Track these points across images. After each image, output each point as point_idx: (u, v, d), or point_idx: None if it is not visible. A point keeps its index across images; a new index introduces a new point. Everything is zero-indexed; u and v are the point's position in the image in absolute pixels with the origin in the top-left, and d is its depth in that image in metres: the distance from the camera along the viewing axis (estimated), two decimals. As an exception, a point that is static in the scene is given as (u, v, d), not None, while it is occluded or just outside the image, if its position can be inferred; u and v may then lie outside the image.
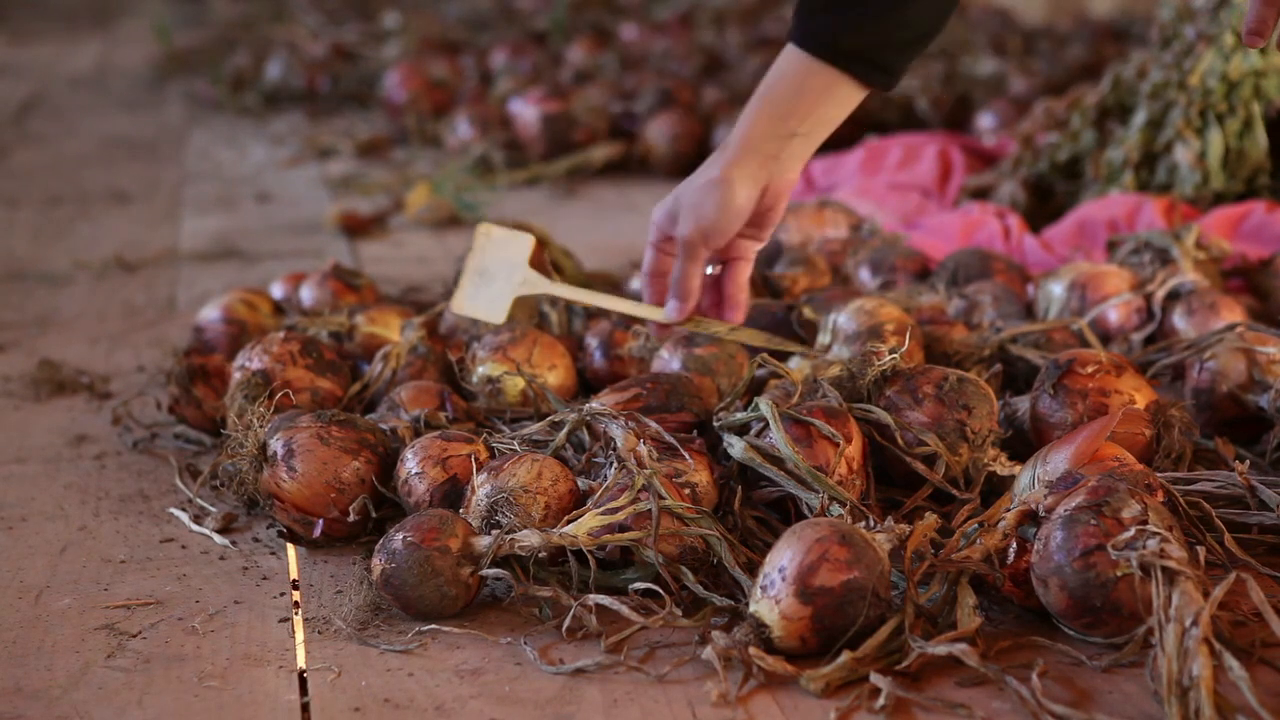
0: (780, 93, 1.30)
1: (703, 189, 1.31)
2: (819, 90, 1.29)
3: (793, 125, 1.30)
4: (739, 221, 1.33)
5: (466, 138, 3.16)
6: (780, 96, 1.30)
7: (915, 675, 1.10)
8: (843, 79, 1.29)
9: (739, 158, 1.31)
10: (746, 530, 1.30)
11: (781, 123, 1.30)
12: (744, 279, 1.38)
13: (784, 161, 1.31)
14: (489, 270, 1.46)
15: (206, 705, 1.10)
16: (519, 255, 1.46)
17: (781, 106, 1.30)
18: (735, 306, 1.38)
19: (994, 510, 1.24)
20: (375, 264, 2.36)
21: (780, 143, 1.30)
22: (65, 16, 6.26)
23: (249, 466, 1.37)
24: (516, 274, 1.45)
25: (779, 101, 1.30)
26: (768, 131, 1.30)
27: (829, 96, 1.30)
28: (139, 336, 2.03)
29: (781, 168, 1.31)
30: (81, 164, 3.29)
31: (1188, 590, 1.04)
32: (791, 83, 1.30)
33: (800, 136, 1.30)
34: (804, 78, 1.29)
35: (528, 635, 1.18)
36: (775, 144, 1.30)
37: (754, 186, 1.31)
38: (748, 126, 1.31)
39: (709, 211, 1.31)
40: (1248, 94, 2.26)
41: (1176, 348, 1.65)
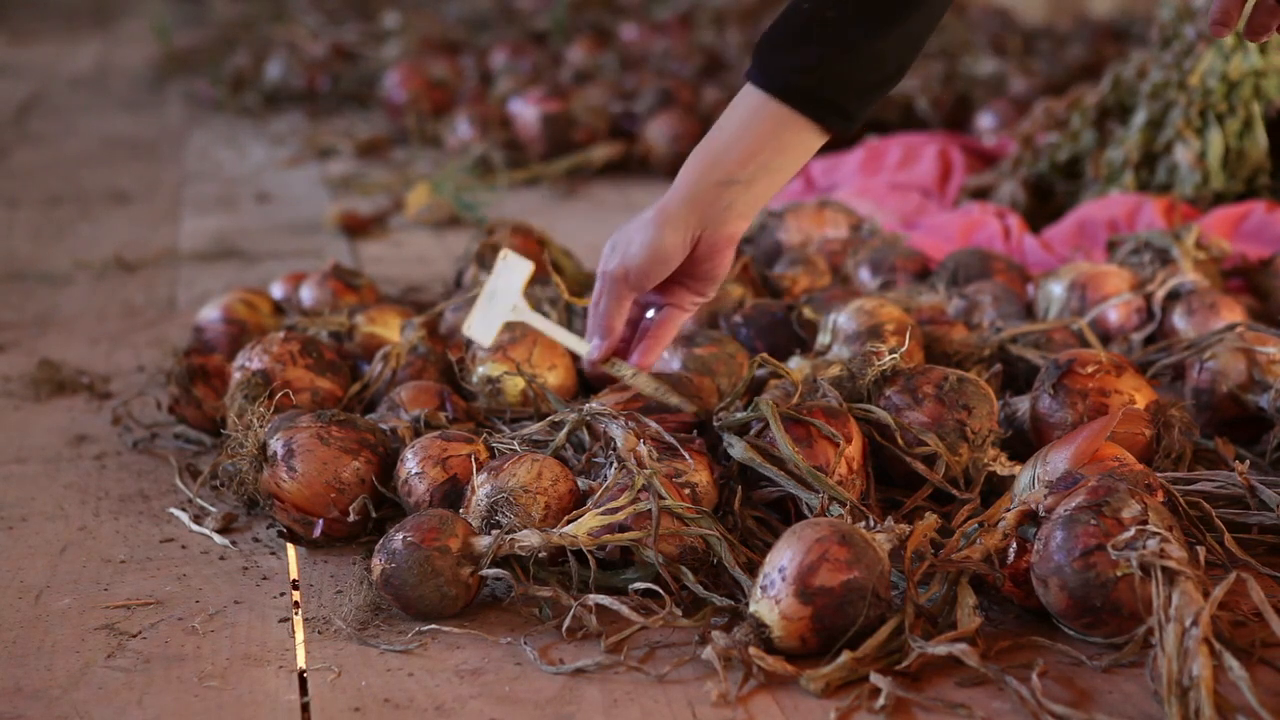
0: (724, 136, 1.24)
1: (634, 228, 1.26)
2: (767, 133, 1.22)
3: (731, 170, 1.23)
4: (664, 267, 1.26)
5: (466, 138, 3.16)
6: (723, 140, 1.24)
7: (915, 675, 1.10)
8: (795, 120, 1.22)
9: (674, 203, 1.25)
10: (746, 530, 1.30)
11: (720, 167, 1.23)
12: (672, 326, 1.31)
13: (719, 211, 1.23)
14: (497, 294, 1.47)
15: (206, 705, 1.10)
16: (518, 281, 1.46)
17: (724, 150, 1.23)
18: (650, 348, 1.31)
19: (994, 510, 1.24)
20: (375, 264, 2.36)
21: (718, 189, 1.23)
22: (65, 16, 6.26)
23: (249, 466, 1.37)
24: (510, 299, 1.45)
25: (721, 145, 1.24)
26: (706, 177, 1.23)
27: (777, 139, 1.22)
28: (139, 336, 2.03)
29: (717, 217, 1.24)
30: (81, 164, 3.29)
31: (1188, 590, 1.04)
32: (739, 125, 1.23)
33: (740, 184, 1.23)
34: (754, 120, 1.22)
35: (528, 635, 1.18)
36: (713, 190, 1.23)
37: (684, 233, 1.25)
38: (688, 172, 1.25)
39: (634, 251, 1.25)
40: (1248, 94, 2.26)
41: (1176, 348, 1.65)
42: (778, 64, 1.22)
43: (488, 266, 1.92)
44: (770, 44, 1.23)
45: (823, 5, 1.20)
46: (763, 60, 1.23)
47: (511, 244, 1.96)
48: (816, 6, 1.20)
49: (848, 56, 1.20)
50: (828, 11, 1.20)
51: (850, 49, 1.20)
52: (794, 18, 1.22)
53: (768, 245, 2.05)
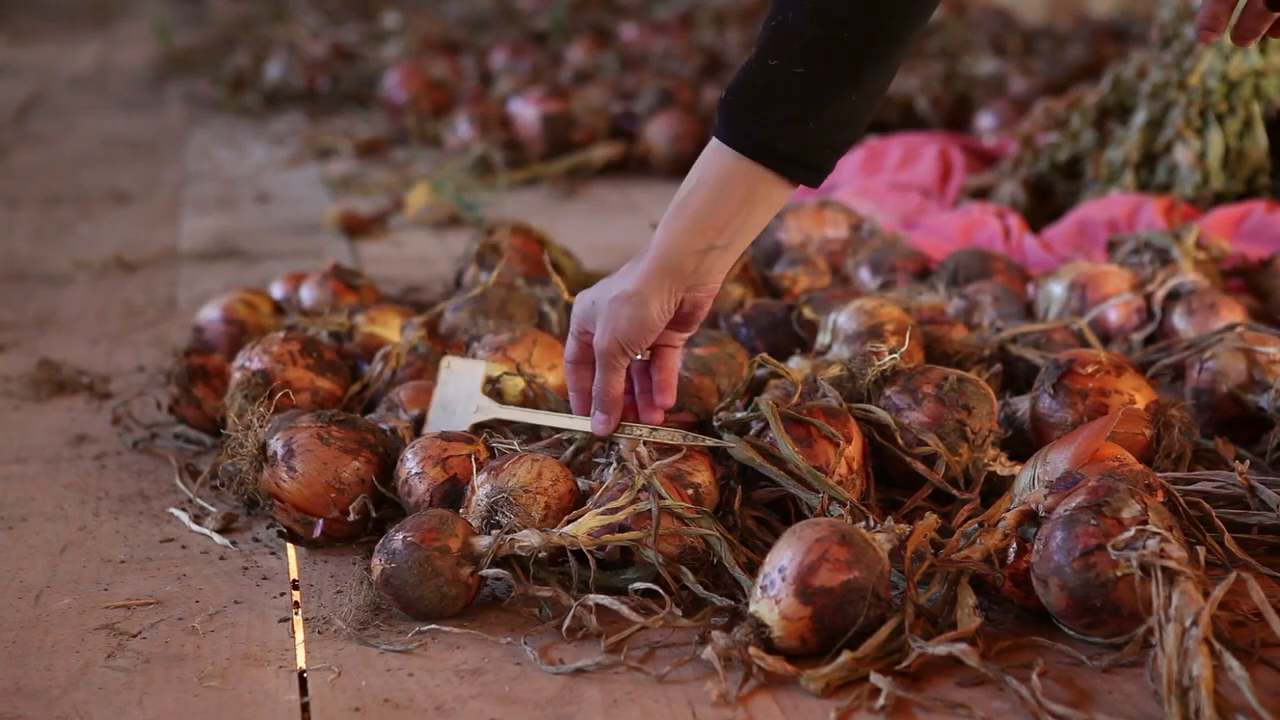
0: (700, 201, 1.23)
1: (618, 301, 1.25)
2: (741, 197, 1.22)
3: (710, 237, 1.23)
4: (654, 334, 1.27)
5: (466, 138, 3.16)
6: (700, 206, 1.23)
7: (915, 675, 1.10)
8: (768, 180, 1.22)
9: (653, 272, 1.24)
10: (746, 530, 1.30)
11: (699, 235, 1.23)
12: (673, 364, 1.32)
13: (700, 275, 1.25)
14: (450, 403, 1.47)
15: (206, 705, 1.10)
16: (473, 384, 1.47)
17: (701, 217, 1.23)
18: (663, 389, 1.32)
19: (994, 510, 1.24)
20: (375, 264, 2.36)
21: (698, 258, 1.24)
22: (65, 16, 6.26)
23: (249, 466, 1.37)
24: (471, 403, 1.46)
25: (699, 212, 1.23)
26: (686, 246, 1.23)
27: (751, 202, 1.22)
28: (139, 336, 2.03)
29: (699, 282, 1.25)
30: (81, 164, 3.29)
31: (1188, 590, 1.04)
32: (713, 189, 1.22)
33: (719, 249, 1.24)
34: (728, 183, 1.22)
35: (528, 635, 1.18)
36: (693, 259, 1.24)
37: (669, 301, 1.26)
38: (665, 238, 1.24)
39: (623, 326, 1.26)
40: (1248, 94, 2.26)
41: (1176, 348, 1.65)
42: (748, 124, 1.21)
43: (488, 266, 1.92)
44: (739, 102, 1.22)
45: (791, 62, 1.19)
46: (732, 119, 1.22)
47: (511, 244, 1.96)
48: (784, 64, 1.19)
49: (818, 114, 1.20)
50: (796, 69, 1.19)
51: (820, 107, 1.20)
52: (761, 75, 1.20)
53: (768, 245, 2.05)
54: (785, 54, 1.19)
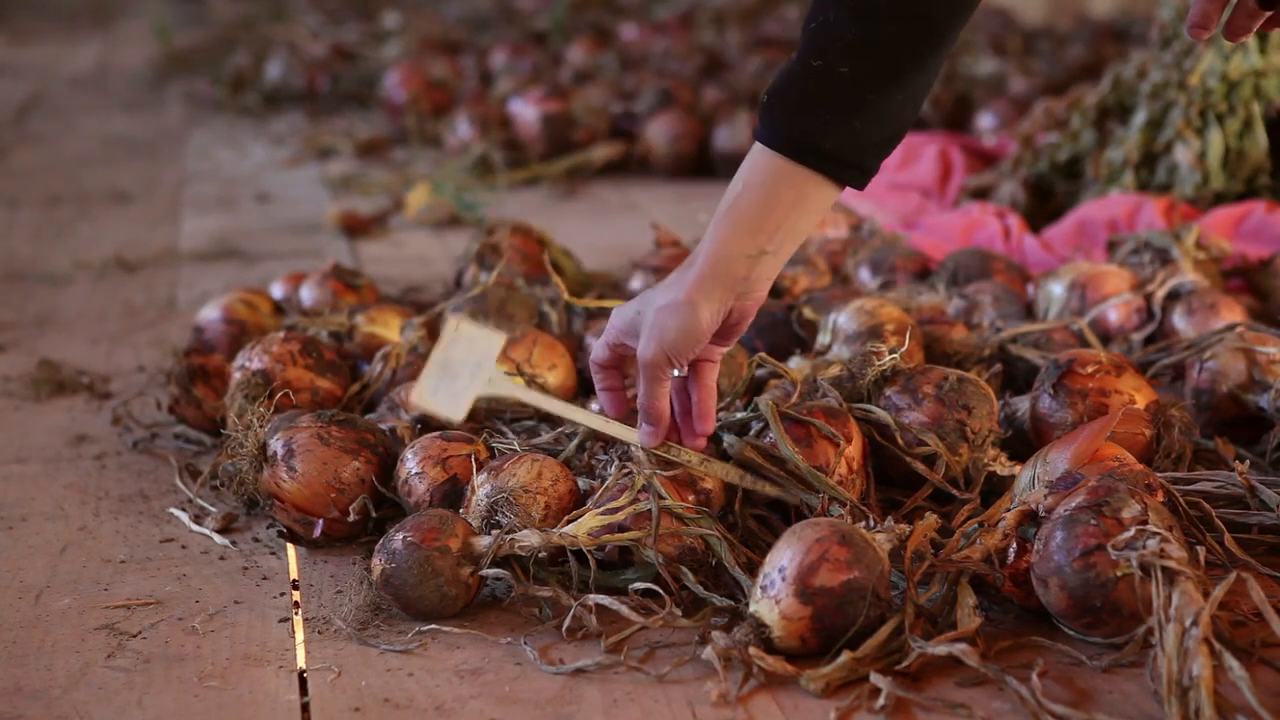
0: (749, 206, 1.20)
1: (667, 311, 1.22)
2: (791, 201, 1.20)
3: (762, 242, 1.20)
4: (702, 344, 1.23)
5: (466, 138, 3.16)
6: (750, 210, 1.20)
7: (915, 675, 1.10)
8: (816, 182, 1.20)
9: (705, 280, 1.21)
10: (746, 530, 1.30)
11: (751, 240, 1.20)
12: (711, 382, 1.29)
13: (751, 283, 1.22)
14: (453, 365, 1.41)
15: (206, 705, 1.10)
16: (487, 354, 1.40)
17: (751, 222, 1.20)
18: (704, 415, 1.29)
19: (994, 510, 1.24)
20: (375, 264, 2.36)
21: (749, 264, 1.21)
22: (65, 16, 6.26)
23: (249, 466, 1.37)
24: (482, 373, 1.39)
25: (748, 216, 1.20)
26: (736, 252, 1.20)
27: (801, 205, 1.20)
28: (139, 336, 2.03)
29: (750, 288, 1.22)
30: (81, 164, 3.29)
31: (1188, 590, 1.04)
32: (760, 193, 1.20)
33: (770, 254, 1.21)
34: (776, 187, 1.20)
35: (528, 635, 1.18)
36: (744, 265, 1.21)
37: (720, 310, 1.23)
38: (715, 245, 1.21)
39: (671, 336, 1.22)
40: (1248, 94, 2.26)
41: (1176, 348, 1.65)
42: (792, 126, 1.19)
43: (488, 266, 1.92)
44: (781, 104, 1.20)
45: (834, 62, 1.17)
46: (775, 122, 1.20)
47: (511, 244, 1.96)
48: (827, 64, 1.17)
49: (863, 114, 1.18)
50: (840, 69, 1.17)
51: (865, 106, 1.18)
52: (803, 77, 1.19)
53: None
54: (828, 54, 1.17)
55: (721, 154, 3.02)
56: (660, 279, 1.82)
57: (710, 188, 2.95)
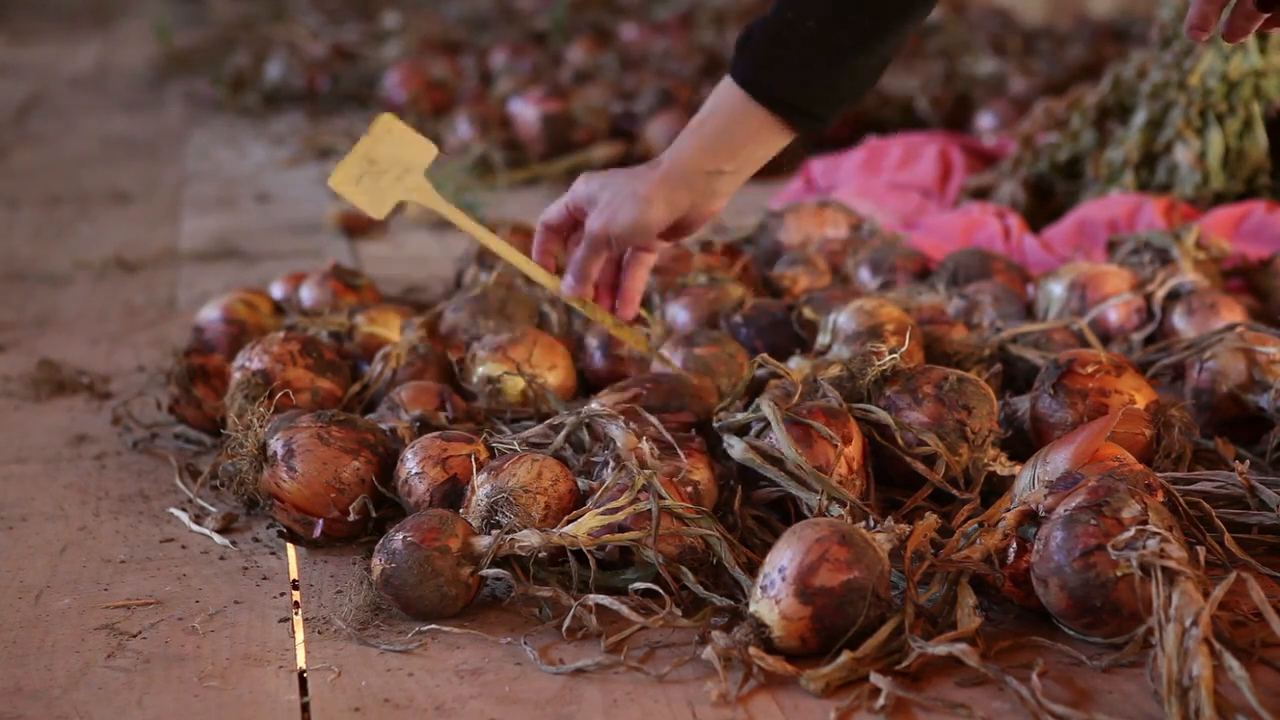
0: (714, 127, 1.34)
1: (623, 197, 1.35)
2: (751, 131, 1.33)
3: (721, 161, 1.34)
4: (647, 237, 1.37)
5: (466, 138, 3.16)
6: (714, 131, 1.34)
7: (915, 675, 1.10)
8: (774, 122, 1.33)
9: (666, 182, 1.34)
10: (746, 530, 1.30)
11: (711, 157, 1.34)
12: (643, 272, 1.41)
13: (707, 196, 1.36)
14: (380, 163, 1.42)
15: (206, 705, 1.10)
16: (417, 161, 1.42)
17: (714, 141, 1.34)
18: (628, 302, 1.42)
19: (994, 510, 1.24)
20: (375, 264, 2.36)
21: (707, 178, 1.34)
22: (65, 16, 6.26)
23: (249, 466, 1.37)
24: (410, 179, 1.41)
25: (712, 136, 1.34)
26: (697, 165, 1.34)
27: (757, 138, 1.34)
28: (139, 336, 2.03)
29: (704, 201, 1.36)
30: (81, 164, 3.29)
31: (1188, 590, 1.04)
32: (726, 119, 1.34)
33: (727, 174, 1.35)
34: (739, 117, 1.33)
35: (528, 635, 1.18)
36: (703, 179, 1.34)
37: (672, 212, 1.35)
38: (679, 153, 1.35)
39: (621, 220, 1.35)
40: (1248, 94, 2.26)
41: (1176, 348, 1.65)
42: (759, 69, 1.31)
43: (488, 266, 1.92)
44: (753, 47, 1.32)
45: (804, 16, 1.28)
46: (745, 62, 1.32)
47: (512, 243, 1.95)
48: (798, 17, 1.28)
49: (827, 70, 1.29)
50: (808, 23, 1.28)
51: (830, 64, 1.29)
52: (776, 24, 1.30)
53: (768, 245, 2.05)
54: (800, 8, 1.29)
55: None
56: (660, 279, 1.83)
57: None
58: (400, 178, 1.42)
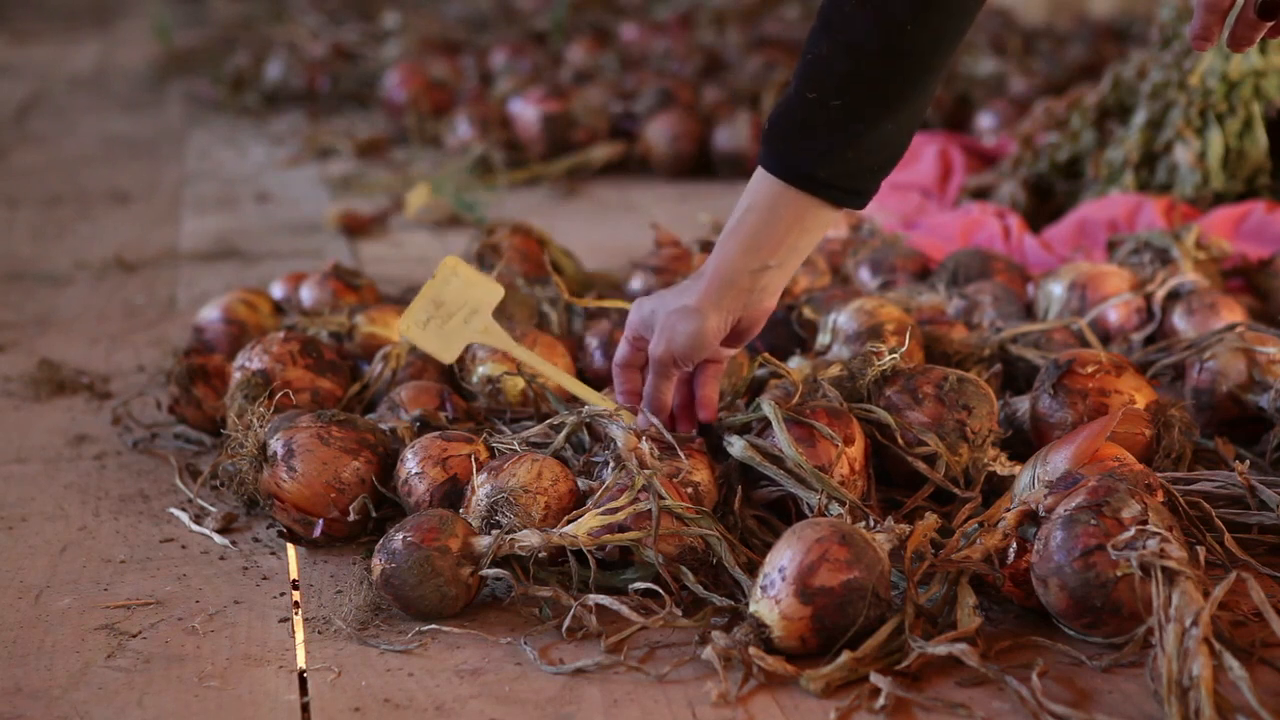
0: (753, 223, 1.29)
1: (677, 315, 1.31)
2: (790, 220, 1.28)
3: (764, 257, 1.29)
4: (710, 350, 1.32)
5: (466, 138, 3.16)
6: (753, 229, 1.29)
7: (915, 675, 1.10)
8: (814, 205, 1.28)
9: (713, 291, 1.30)
10: (746, 530, 1.30)
11: (754, 255, 1.29)
12: (716, 379, 1.37)
13: (757, 294, 1.30)
14: (447, 305, 1.43)
15: (206, 705, 1.10)
16: (484, 302, 1.43)
17: (754, 238, 1.29)
18: (705, 406, 1.37)
19: (994, 510, 1.24)
20: (375, 264, 2.36)
21: (753, 277, 1.29)
22: (65, 16, 6.26)
23: (249, 466, 1.37)
24: (477, 321, 1.42)
25: (751, 234, 1.29)
26: (741, 266, 1.29)
27: (800, 224, 1.29)
28: (139, 336, 2.03)
29: (756, 299, 1.31)
30: (81, 164, 3.29)
31: (1188, 590, 1.04)
32: (764, 213, 1.29)
33: (773, 268, 1.30)
34: (777, 207, 1.28)
35: (528, 635, 1.18)
36: (749, 278, 1.29)
37: (727, 319, 1.31)
38: (722, 258, 1.30)
39: (680, 339, 1.31)
40: (1248, 94, 2.26)
41: (1176, 348, 1.65)
42: (790, 154, 1.27)
43: (488, 266, 1.92)
44: (780, 133, 1.27)
45: (827, 95, 1.24)
46: (775, 149, 1.27)
47: (511, 244, 1.96)
48: (821, 96, 1.24)
49: (856, 144, 1.25)
50: (833, 101, 1.24)
51: (858, 137, 1.25)
52: (800, 107, 1.26)
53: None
54: (822, 87, 1.24)
55: (721, 154, 3.02)
56: (660, 279, 1.84)
57: (710, 188, 2.95)
58: (468, 320, 1.43)
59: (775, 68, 3.64)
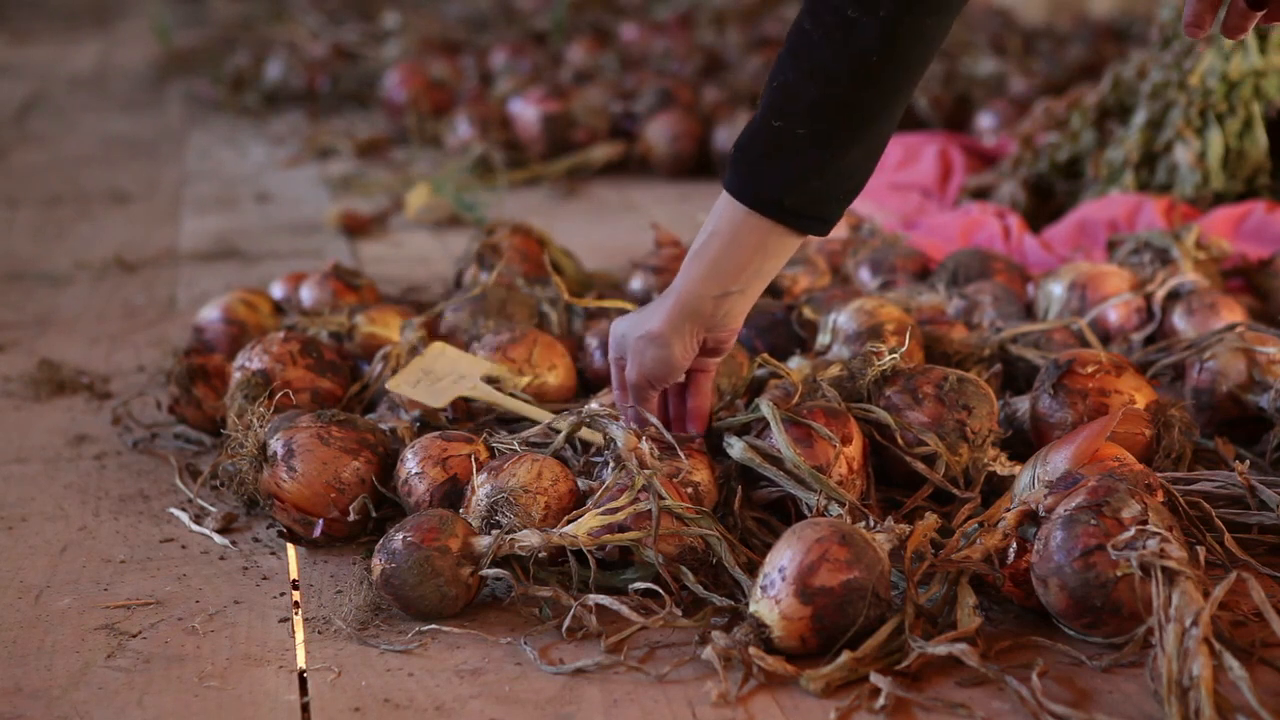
0: (716, 251, 1.28)
1: (644, 340, 1.31)
2: (753, 247, 1.28)
3: (726, 283, 1.28)
4: (679, 372, 1.32)
5: (466, 138, 3.16)
6: (716, 255, 1.28)
7: (915, 675, 1.10)
8: (778, 232, 1.27)
9: (676, 316, 1.30)
10: (746, 530, 1.30)
11: (717, 281, 1.28)
12: (707, 388, 1.37)
13: (720, 318, 1.30)
14: (436, 373, 1.50)
15: (206, 705, 1.10)
16: (471, 371, 1.50)
17: (717, 264, 1.28)
18: (696, 417, 1.37)
19: (994, 510, 1.24)
20: (375, 264, 2.36)
21: (716, 303, 1.29)
22: (65, 16, 6.26)
23: (249, 466, 1.37)
24: (466, 382, 1.49)
25: (715, 261, 1.28)
26: (704, 291, 1.29)
27: (763, 251, 1.28)
28: (139, 336, 2.03)
29: (719, 324, 1.31)
30: (81, 164, 3.29)
31: (1188, 590, 1.04)
32: (726, 240, 1.28)
33: (735, 294, 1.29)
34: (741, 233, 1.28)
35: (528, 635, 1.18)
36: (711, 304, 1.29)
37: (691, 341, 1.31)
38: (684, 285, 1.30)
39: (649, 364, 1.31)
40: (1248, 94, 2.26)
41: (1176, 348, 1.65)
42: (756, 181, 1.26)
43: (488, 266, 1.92)
44: (746, 158, 1.26)
45: (794, 122, 1.23)
46: (741, 176, 1.27)
47: (511, 244, 1.96)
48: (788, 124, 1.23)
49: (822, 170, 1.25)
50: (798, 129, 1.23)
51: (823, 164, 1.24)
52: (767, 135, 1.25)
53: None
54: (787, 115, 1.24)
55: (721, 154, 3.02)
56: (660, 279, 1.84)
57: (710, 188, 2.95)
58: (456, 382, 1.49)
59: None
